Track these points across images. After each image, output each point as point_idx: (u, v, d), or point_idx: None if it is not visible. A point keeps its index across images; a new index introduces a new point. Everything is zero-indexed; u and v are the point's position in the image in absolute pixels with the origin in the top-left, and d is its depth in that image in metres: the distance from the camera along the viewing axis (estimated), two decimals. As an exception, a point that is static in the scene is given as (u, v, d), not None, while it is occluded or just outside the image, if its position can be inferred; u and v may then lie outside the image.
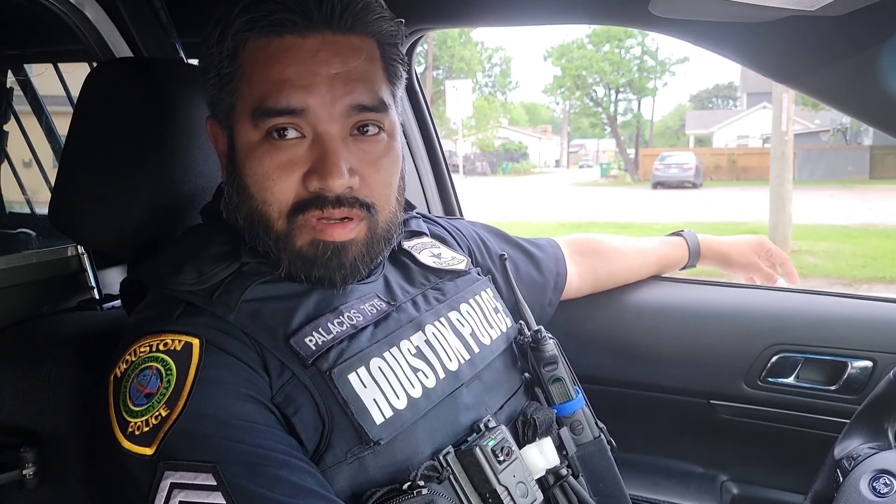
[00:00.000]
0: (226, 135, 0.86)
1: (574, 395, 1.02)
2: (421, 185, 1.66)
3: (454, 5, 1.33)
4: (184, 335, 0.76)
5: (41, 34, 1.62)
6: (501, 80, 43.36)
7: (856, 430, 1.04)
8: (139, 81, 0.98)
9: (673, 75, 48.42)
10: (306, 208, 0.81)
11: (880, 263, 8.37)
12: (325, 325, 0.82)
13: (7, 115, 1.81)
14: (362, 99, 0.81)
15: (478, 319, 0.99)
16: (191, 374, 0.73)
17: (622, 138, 34.72)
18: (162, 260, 0.87)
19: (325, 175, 0.79)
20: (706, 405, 1.45)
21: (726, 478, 1.49)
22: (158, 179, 0.97)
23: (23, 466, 0.91)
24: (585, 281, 1.40)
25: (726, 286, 1.52)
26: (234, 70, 0.82)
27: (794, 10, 0.89)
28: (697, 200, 17.52)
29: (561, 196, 20.94)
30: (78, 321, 1.09)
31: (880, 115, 1.05)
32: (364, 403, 0.78)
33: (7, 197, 1.96)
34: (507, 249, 1.22)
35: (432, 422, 0.85)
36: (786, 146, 9.89)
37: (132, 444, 0.71)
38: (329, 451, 0.77)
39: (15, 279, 1.09)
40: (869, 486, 0.91)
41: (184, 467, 0.69)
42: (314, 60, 0.80)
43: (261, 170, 0.81)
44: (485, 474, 0.82)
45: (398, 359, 0.85)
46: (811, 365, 1.37)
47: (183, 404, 0.71)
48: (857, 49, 0.94)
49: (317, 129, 0.80)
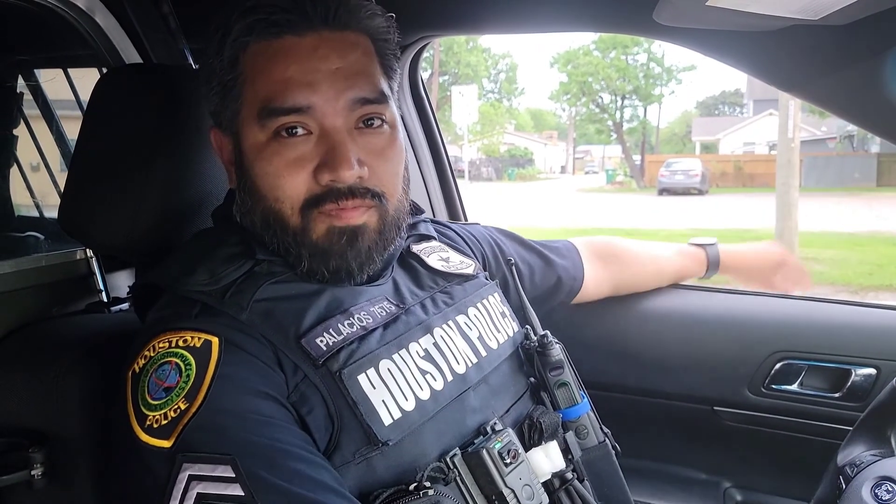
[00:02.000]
0: (231, 141, 0.88)
1: (579, 400, 1.03)
2: (426, 190, 1.66)
3: (460, 13, 1.34)
4: (203, 333, 0.77)
5: (52, 39, 1.64)
6: (507, 87, 43.45)
7: (859, 437, 1.04)
8: (148, 87, 0.99)
9: (679, 83, 48.34)
10: (320, 203, 0.82)
11: (887, 271, 8.34)
12: (335, 325, 0.83)
13: (17, 120, 1.82)
14: (364, 92, 0.84)
15: (485, 323, 1.00)
16: (210, 370, 0.74)
17: (628, 145, 34.66)
18: (174, 262, 0.88)
19: (335, 167, 0.81)
20: (710, 412, 1.45)
21: (730, 484, 1.49)
22: (167, 184, 0.99)
23: (31, 467, 0.92)
24: (603, 288, 1.41)
25: (731, 293, 1.53)
26: (236, 76, 0.84)
27: (798, 19, 0.89)
28: (703, 207, 17.49)
29: (566, 202, 20.92)
30: (86, 323, 1.10)
31: (883, 123, 1.05)
32: (373, 404, 0.79)
33: (16, 201, 1.97)
34: (523, 253, 1.24)
35: (439, 424, 0.85)
36: (792, 153, 9.85)
37: (150, 437, 0.72)
38: (337, 451, 0.77)
39: (24, 282, 1.10)
40: (871, 493, 0.92)
41: (202, 459, 0.69)
42: (314, 57, 0.82)
43: (271, 169, 0.82)
44: (491, 476, 0.83)
45: (407, 361, 0.86)
46: (815, 372, 1.37)
47: (202, 398, 0.72)
48: (860, 58, 0.94)
49: (323, 125, 0.82)
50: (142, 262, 1.06)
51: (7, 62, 1.76)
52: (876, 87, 0.95)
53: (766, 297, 1.49)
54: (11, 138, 1.79)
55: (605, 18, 1.16)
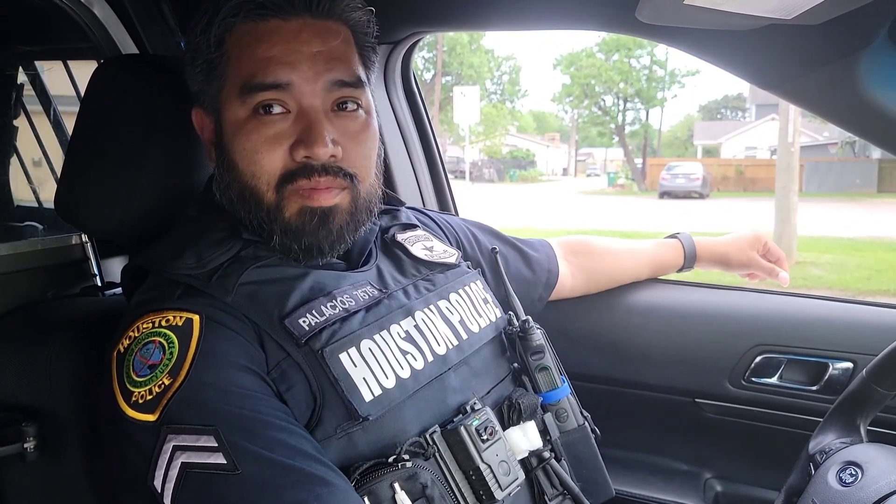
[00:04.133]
0: (212, 120, 0.91)
1: (560, 384, 1.06)
2: (417, 183, 1.69)
3: (448, 10, 1.37)
4: (185, 312, 0.80)
5: (51, 31, 1.67)
6: (510, 88, 43.43)
7: (830, 425, 1.07)
8: (144, 77, 1.02)
9: (682, 87, 48.33)
10: (294, 178, 0.86)
11: (885, 276, 8.35)
12: (318, 307, 0.85)
13: (18, 111, 1.85)
14: (341, 75, 0.88)
15: (467, 308, 1.03)
16: (192, 347, 0.77)
17: (630, 148, 34.68)
18: (162, 246, 0.91)
19: (310, 144, 0.84)
20: (691, 404, 1.48)
21: (710, 475, 1.51)
22: (161, 172, 1.02)
23: (24, 440, 0.95)
24: (578, 281, 1.43)
25: (713, 288, 1.55)
26: (222, 55, 0.88)
27: (772, 18, 0.92)
28: (704, 211, 17.48)
29: (568, 204, 20.92)
30: (80, 306, 1.13)
31: (858, 122, 1.07)
32: (354, 381, 0.82)
33: (15, 191, 1.99)
34: (498, 245, 1.26)
35: (420, 402, 0.88)
36: (792, 157, 9.87)
37: (136, 412, 0.75)
38: (319, 426, 0.80)
39: (21, 264, 1.13)
40: (836, 477, 0.94)
41: (186, 431, 0.72)
42: (297, 40, 0.86)
43: (249, 144, 0.86)
44: (468, 452, 0.86)
45: (388, 341, 0.88)
46: (794, 365, 1.40)
47: (185, 373, 0.75)
48: (835, 57, 0.96)
49: (301, 104, 0.86)
50: (136, 247, 1.09)
51: (8, 53, 1.78)
52: (851, 86, 0.97)
53: (747, 291, 1.51)
54: (12, 127, 1.81)
55: (588, 16, 1.19)
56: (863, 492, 0.90)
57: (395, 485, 0.79)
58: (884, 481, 0.89)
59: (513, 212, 17.11)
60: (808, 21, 0.91)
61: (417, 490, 0.81)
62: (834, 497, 0.93)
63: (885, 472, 0.91)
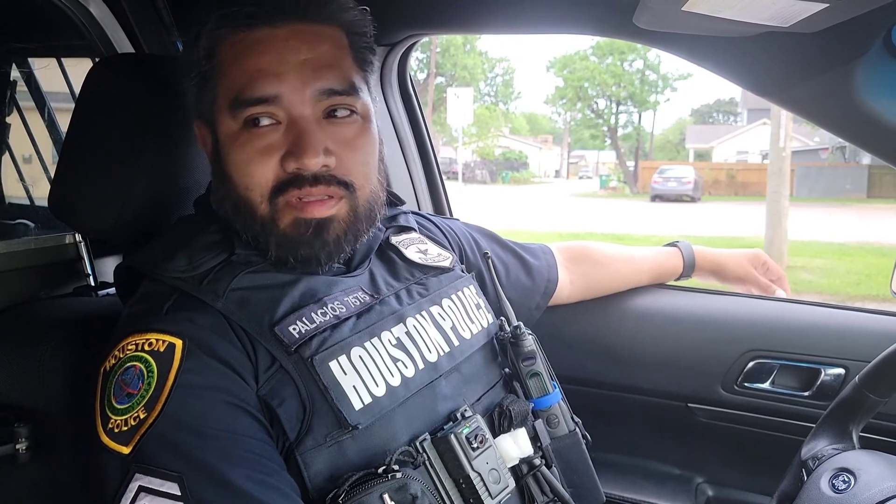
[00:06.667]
0: (210, 132, 0.90)
1: (551, 390, 1.06)
2: (412, 186, 1.69)
3: (446, 13, 1.37)
4: (168, 335, 0.79)
5: (46, 29, 1.66)
6: (504, 90, 43.45)
7: (822, 432, 1.07)
8: (139, 76, 1.02)
9: (675, 90, 48.50)
10: (286, 188, 0.85)
11: (874, 281, 8.40)
12: (308, 314, 0.85)
13: (10, 108, 1.84)
14: (331, 83, 0.86)
15: (459, 314, 1.03)
16: (170, 379, 0.76)
17: (622, 150, 34.77)
18: (154, 247, 0.90)
19: (300, 155, 0.83)
20: (684, 408, 1.48)
21: (702, 480, 1.52)
22: (155, 172, 1.01)
23: (16, 441, 0.95)
24: (577, 288, 1.43)
25: (706, 293, 1.55)
26: (213, 67, 0.87)
27: (770, 26, 0.92)
28: (695, 214, 17.55)
29: (560, 206, 20.96)
30: (73, 306, 1.13)
31: (853, 129, 1.08)
32: (344, 390, 0.81)
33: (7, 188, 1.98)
34: (499, 252, 1.26)
35: (410, 410, 0.88)
36: (783, 162, 9.92)
37: (111, 441, 0.75)
38: (309, 434, 0.80)
39: (13, 263, 1.12)
40: (829, 484, 0.95)
41: (153, 473, 0.72)
42: (284, 49, 0.85)
43: (242, 157, 0.85)
44: (459, 460, 0.86)
45: (378, 349, 0.88)
46: (786, 371, 1.40)
47: (161, 408, 0.74)
48: (831, 65, 0.97)
49: (291, 114, 0.85)
50: (129, 247, 1.08)
51: (1, 49, 1.77)
52: (846, 94, 0.97)
53: (740, 297, 1.52)
54: (4, 124, 1.80)
55: (586, 21, 1.19)
56: (855, 499, 0.90)
57: (385, 496, 0.78)
58: (876, 488, 0.90)
59: (505, 213, 17.12)
60: (805, 29, 0.91)
61: (407, 501, 0.80)
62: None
63: (878, 480, 0.91)
